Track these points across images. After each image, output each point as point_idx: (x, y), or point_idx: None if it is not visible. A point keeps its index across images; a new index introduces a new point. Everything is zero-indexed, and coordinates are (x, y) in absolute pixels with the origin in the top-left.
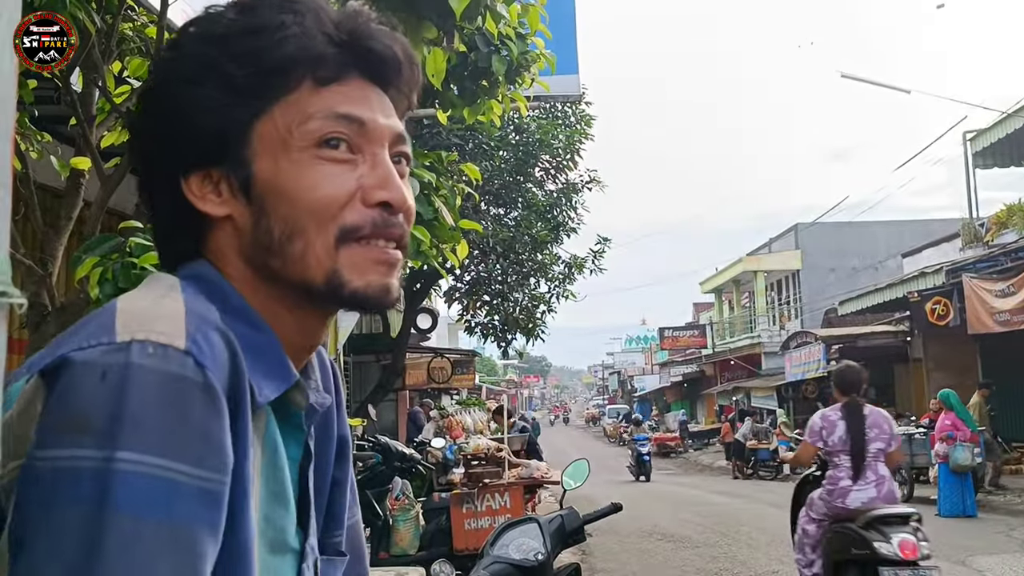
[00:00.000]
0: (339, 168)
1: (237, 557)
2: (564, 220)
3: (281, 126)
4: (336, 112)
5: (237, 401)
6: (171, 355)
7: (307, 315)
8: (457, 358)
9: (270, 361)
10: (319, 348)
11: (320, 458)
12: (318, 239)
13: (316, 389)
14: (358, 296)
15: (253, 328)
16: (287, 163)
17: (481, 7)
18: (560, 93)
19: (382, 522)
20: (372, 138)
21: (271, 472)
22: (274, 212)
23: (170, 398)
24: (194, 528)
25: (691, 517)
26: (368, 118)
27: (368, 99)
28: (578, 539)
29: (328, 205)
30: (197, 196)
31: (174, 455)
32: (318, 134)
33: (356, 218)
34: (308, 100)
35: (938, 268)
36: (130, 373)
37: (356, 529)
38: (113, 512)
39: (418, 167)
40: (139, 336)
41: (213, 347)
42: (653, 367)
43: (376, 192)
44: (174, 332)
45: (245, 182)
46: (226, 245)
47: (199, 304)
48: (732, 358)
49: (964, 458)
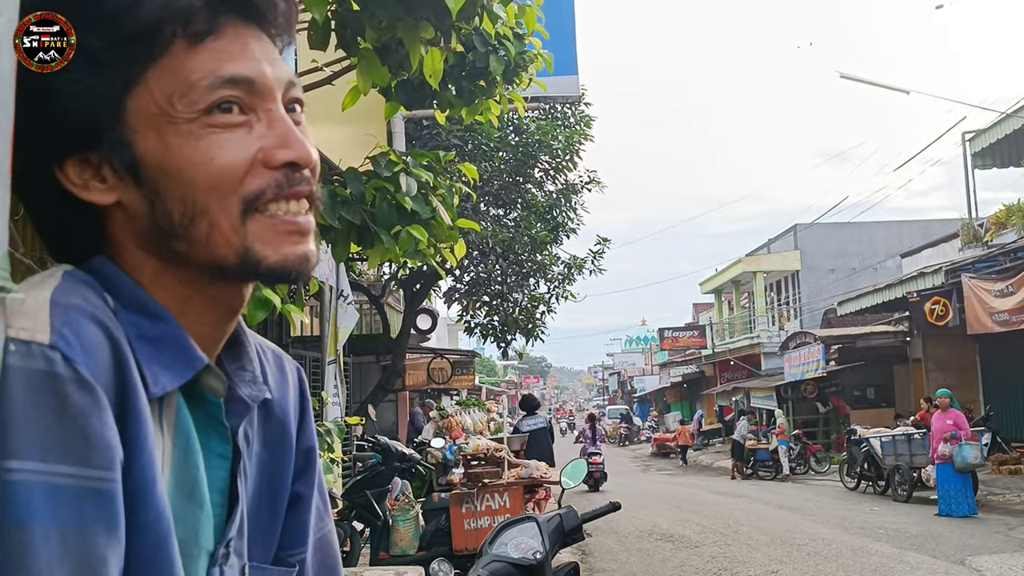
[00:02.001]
0: (234, 134)
1: (153, 557)
2: (564, 221)
3: (160, 97)
4: (222, 76)
5: (124, 393)
6: (35, 351)
7: (222, 292)
8: (457, 359)
9: (170, 350)
10: (276, 350)
11: (272, 464)
12: (222, 216)
13: (251, 382)
14: (276, 271)
15: (150, 318)
16: (175, 138)
17: (478, 7)
18: (559, 94)
19: (382, 522)
20: (264, 94)
21: (182, 466)
22: (169, 193)
23: (39, 397)
24: (86, 531)
25: (690, 517)
26: (256, 74)
27: (249, 50)
28: (577, 538)
29: (228, 178)
30: (78, 185)
31: (52, 457)
32: (206, 103)
33: (258, 184)
34: (183, 63)
35: (937, 268)
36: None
37: (328, 540)
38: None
39: (415, 167)
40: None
41: (84, 338)
42: (653, 368)
43: (278, 153)
44: (37, 327)
45: (130, 164)
46: (121, 233)
47: (70, 295)
48: (732, 358)
49: (973, 456)
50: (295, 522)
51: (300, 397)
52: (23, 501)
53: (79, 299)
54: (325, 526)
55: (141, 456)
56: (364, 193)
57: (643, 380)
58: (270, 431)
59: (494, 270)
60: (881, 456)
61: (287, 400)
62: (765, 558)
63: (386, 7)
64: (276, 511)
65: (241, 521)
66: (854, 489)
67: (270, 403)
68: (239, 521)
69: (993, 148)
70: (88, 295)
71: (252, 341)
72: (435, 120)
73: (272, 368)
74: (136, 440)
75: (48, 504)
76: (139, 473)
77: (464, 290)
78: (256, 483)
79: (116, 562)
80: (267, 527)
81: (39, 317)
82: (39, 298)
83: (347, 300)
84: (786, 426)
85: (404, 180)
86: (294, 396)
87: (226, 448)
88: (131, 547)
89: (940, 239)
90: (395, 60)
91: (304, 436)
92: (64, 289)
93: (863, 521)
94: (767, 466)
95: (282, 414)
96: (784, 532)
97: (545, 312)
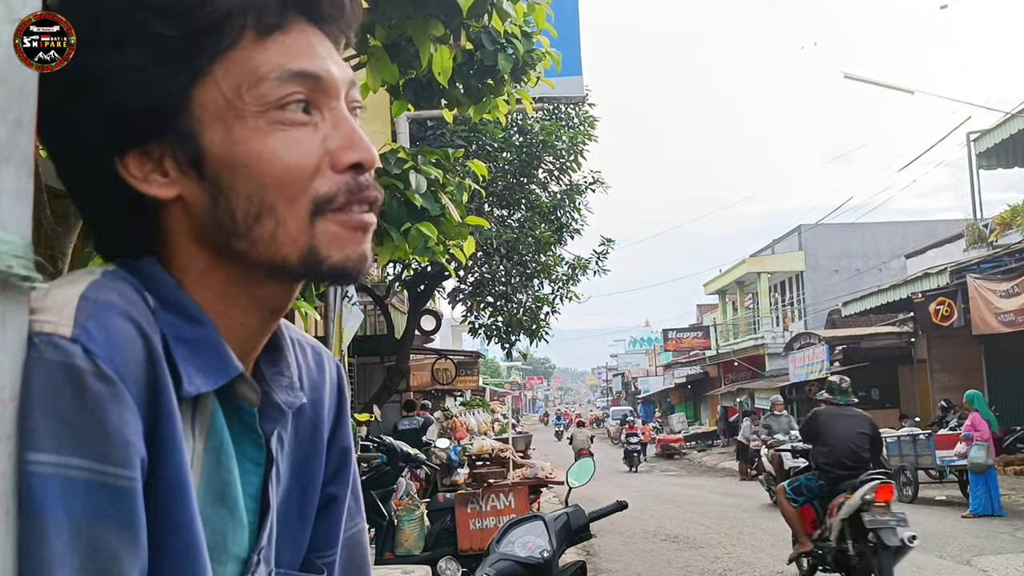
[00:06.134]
0: (302, 132)
1: (184, 558)
2: (568, 221)
3: (227, 89)
4: (291, 70)
5: (156, 390)
6: (56, 343)
7: (270, 292)
8: (461, 360)
9: (206, 354)
10: (317, 347)
11: (302, 464)
12: (290, 216)
13: (288, 387)
14: (337, 270)
15: (188, 320)
16: (243, 132)
17: (487, 5)
18: (564, 94)
19: (387, 522)
20: (329, 93)
21: (213, 469)
22: (234, 190)
23: (58, 389)
24: (97, 525)
25: (695, 518)
26: (323, 72)
27: (315, 48)
28: (584, 537)
29: (298, 177)
30: (138, 178)
31: (67, 450)
32: (275, 97)
33: (329, 187)
34: (252, 56)
35: (942, 269)
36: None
37: (357, 539)
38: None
39: (424, 164)
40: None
41: (110, 333)
42: (657, 369)
43: (346, 154)
44: (60, 320)
45: (194, 157)
46: (176, 229)
47: (104, 291)
48: (736, 359)
49: (978, 456)
50: (328, 524)
51: (338, 395)
52: (39, 493)
53: (113, 295)
54: (356, 525)
55: (173, 454)
56: None
57: (647, 381)
58: (302, 430)
59: (498, 271)
60: (886, 457)
61: (322, 398)
62: (770, 558)
63: (396, 5)
64: (305, 514)
65: (271, 527)
66: None
67: (303, 403)
68: (269, 528)
69: (998, 148)
70: (125, 291)
71: (292, 337)
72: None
73: (310, 364)
74: (168, 438)
75: (61, 497)
76: (171, 471)
77: (468, 291)
78: (286, 485)
79: (132, 561)
80: (296, 530)
81: (65, 311)
82: (70, 293)
83: (351, 301)
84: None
85: (414, 177)
86: (331, 394)
87: (260, 454)
88: (162, 547)
89: (945, 240)
90: (404, 58)
91: (340, 435)
92: (99, 285)
93: None
94: None
95: (315, 413)
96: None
97: (549, 313)
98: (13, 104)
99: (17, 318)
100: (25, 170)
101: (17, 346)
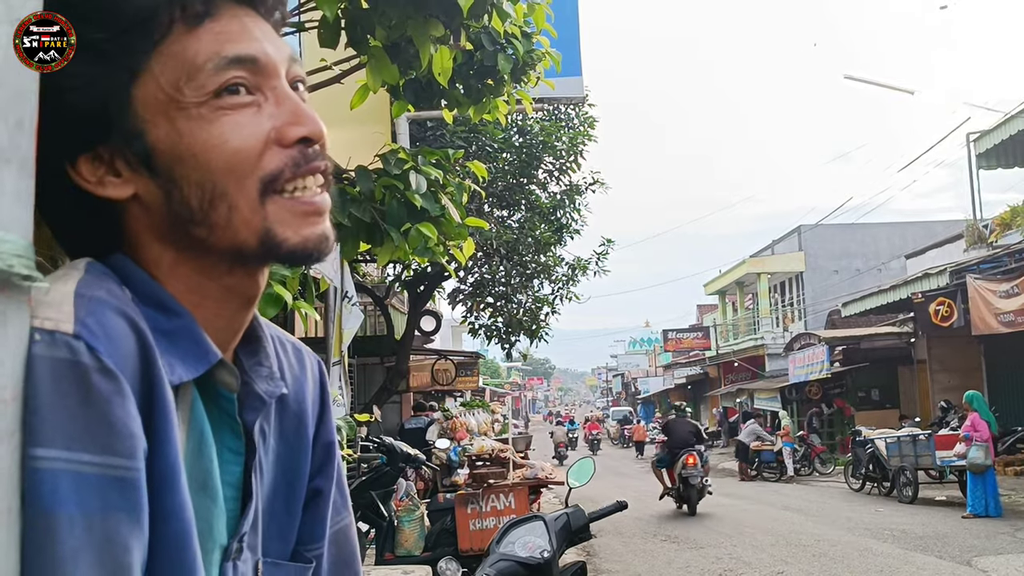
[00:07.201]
0: (244, 115)
1: (177, 546)
2: (567, 222)
3: (166, 84)
4: (227, 57)
5: (151, 382)
6: (59, 340)
7: (239, 280)
8: (461, 360)
9: (184, 344)
10: (298, 344)
11: (288, 459)
12: (241, 198)
13: (268, 377)
14: (296, 252)
15: (164, 312)
16: (186, 123)
17: (487, 5)
18: (564, 95)
19: (387, 523)
20: (268, 73)
21: (195, 458)
22: (186, 180)
23: (64, 386)
24: (110, 518)
25: (695, 518)
26: (260, 53)
27: (248, 29)
28: (584, 537)
29: (245, 158)
30: (92, 182)
31: (77, 445)
32: (214, 86)
33: (275, 163)
34: (186, 47)
35: (942, 269)
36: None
37: (344, 533)
38: (23, 511)
39: (424, 164)
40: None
41: (108, 328)
42: (657, 369)
43: (292, 129)
44: (61, 317)
45: (143, 154)
46: (138, 227)
47: (94, 287)
48: (736, 360)
49: (977, 457)
50: (314, 517)
51: (320, 391)
52: (49, 489)
53: (103, 291)
54: (343, 519)
55: (167, 444)
56: (374, 191)
57: (647, 382)
58: (286, 425)
59: (498, 271)
60: (886, 457)
61: (305, 394)
62: (770, 559)
63: (396, 5)
64: (292, 506)
65: (255, 517)
66: (859, 490)
67: (286, 397)
68: (252, 516)
69: (998, 149)
70: (112, 287)
71: (271, 334)
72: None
73: (291, 361)
74: (163, 429)
75: (73, 492)
76: (166, 461)
77: (468, 291)
78: (272, 478)
79: (139, 550)
80: (283, 522)
81: (64, 308)
82: (64, 290)
83: (351, 302)
84: (791, 427)
85: (414, 178)
86: (313, 390)
87: (239, 443)
88: (156, 535)
89: (945, 240)
90: (404, 58)
91: (323, 430)
92: (88, 281)
93: (868, 522)
94: (772, 467)
95: (299, 408)
96: (789, 533)
97: (549, 313)
98: (13, 105)
99: (18, 317)
100: (26, 171)
101: (19, 345)
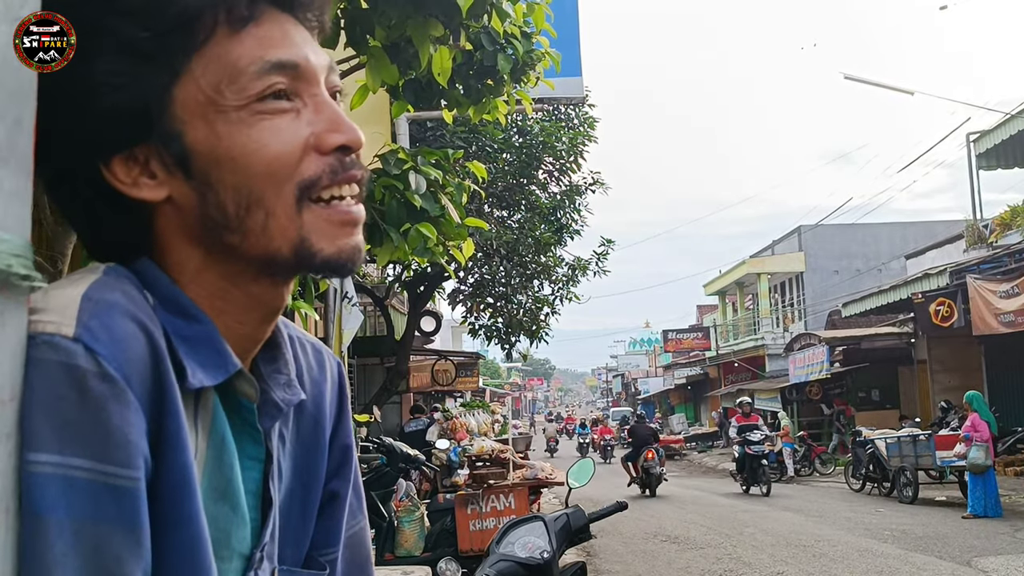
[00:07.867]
0: (284, 120)
1: (190, 554)
2: (568, 222)
3: (206, 86)
4: (269, 62)
5: (161, 388)
6: (58, 344)
7: (265, 290)
8: (461, 361)
9: (205, 351)
10: (318, 345)
11: (304, 461)
12: (278, 205)
13: (286, 385)
14: (331, 263)
15: (186, 318)
16: (225, 127)
17: (487, 5)
18: (564, 95)
19: (387, 523)
20: (309, 80)
21: (215, 467)
22: (222, 184)
23: (60, 389)
24: (100, 526)
25: (695, 519)
26: (301, 59)
27: (290, 36)
28: (584, 538)
29: (284, 163)
30: (126, 183)
31: (69, 450)
32: (256, 90)
33: (314, 169)
34: (229, 50)
35: (942, 269)
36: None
37: (359, 537)
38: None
39: (424, 164)
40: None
41: (113, 332)
42: (657, 369)
43: (331, 136)
44: (63, 320)
45: (180, 156)
46: (168, 229)
47: (108, 290)
48: (736, 360)
49: (977, 457)
50: (330, 521)
51: (339, 392)
52: (40, 493)
53: (117, 294)
54: (358, 523)
55: (178, 451)
56: (373, 191)
57: (647, 382)
58: (303, 426)
59: (498, 272)
60: (886, 457)
61: (323, 395)
62: (770, 559)
63: (396, 5)
64: (308, 510)
65: (274, 524)
66: (859, 490)
67: (304, 400)
68: (272, 525)
69: (998, 149)
70: (128, 290)
71: (290, 335)
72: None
73: (311, 362)
74: (173, 435)
75: (63, 497)
76: (177, 467)
77: (468, 292)
78: (288, 482)
79: (135, 562)
80: (298, 527)
81: (68, 311)
82: (73, 293)
83: (351, 302)
84: (791, 428)
85: (413, 178)
86: (332, 392)
87: (259, 451)
88: (167, 542)
89: (945, 240)
90: (404, 58)
91: (341, 432)
92: (102, 284)
93: (868, 522)
94: (772, 468)
95: (316, 410)
96: (789, 533)
97: (549, 314)
98: (12, 105)
99: (16, 318)
100: (24, 170)
101: (16, 346)
